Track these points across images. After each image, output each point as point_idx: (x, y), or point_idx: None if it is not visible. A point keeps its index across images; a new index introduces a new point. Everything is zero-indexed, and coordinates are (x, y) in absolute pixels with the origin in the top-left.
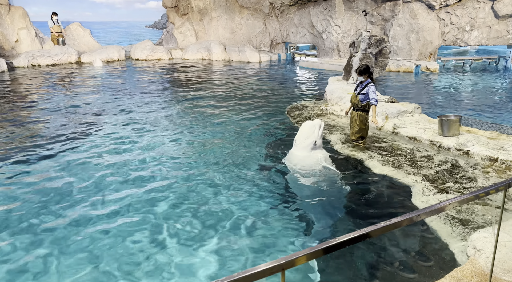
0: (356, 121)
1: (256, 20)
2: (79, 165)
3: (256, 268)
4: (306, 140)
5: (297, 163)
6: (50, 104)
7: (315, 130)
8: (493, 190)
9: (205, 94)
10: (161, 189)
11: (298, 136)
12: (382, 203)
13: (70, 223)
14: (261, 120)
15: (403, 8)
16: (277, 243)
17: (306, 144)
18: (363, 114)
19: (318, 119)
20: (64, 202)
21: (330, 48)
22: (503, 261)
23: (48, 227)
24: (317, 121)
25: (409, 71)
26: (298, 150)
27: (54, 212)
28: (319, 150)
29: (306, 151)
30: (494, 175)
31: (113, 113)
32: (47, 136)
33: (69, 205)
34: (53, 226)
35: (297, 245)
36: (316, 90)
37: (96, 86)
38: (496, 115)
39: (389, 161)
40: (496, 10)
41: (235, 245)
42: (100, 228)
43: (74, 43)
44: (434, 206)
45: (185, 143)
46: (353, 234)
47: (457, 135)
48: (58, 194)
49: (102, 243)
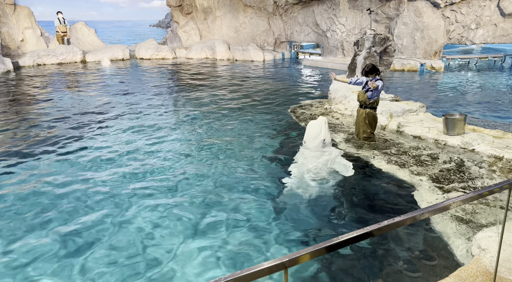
0: (365, 119)
1: (260, 19)
2: (89, 163)
3: (259, 266)
4: (315, 140)
5: (308, 163)
6: (59, 103)
7: (322, 128)
8: (497, 188)
9: (209, 94)
10: (164, 187)
11: (307, 137)
12: (386, 202)
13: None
14: (265, 119)
15: (407, 6)
16: (280, 241)
17: (316, 144)
18: (372, 111)
19: (321, 116)
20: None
21: (334, 46)
22: (508, 260)
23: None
24: (321, 118)
25: (414, 70)
26: (308, 150)
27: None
28: (329, 146)
29: (318, 150)
30: (499, 174)
31: (121, 114)
32: (58, 135)
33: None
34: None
35: (300, 243)
36: (320, 89)
37: (106, 85)
38: (501, 114)
39: (394, 160)
40: (502, 8)
41: (238, 243)
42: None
43: (79, 42)
44: (438, 204)
45: (189, 141)
46: (356, 233)
47: (462, 134)
48: (60, 196)
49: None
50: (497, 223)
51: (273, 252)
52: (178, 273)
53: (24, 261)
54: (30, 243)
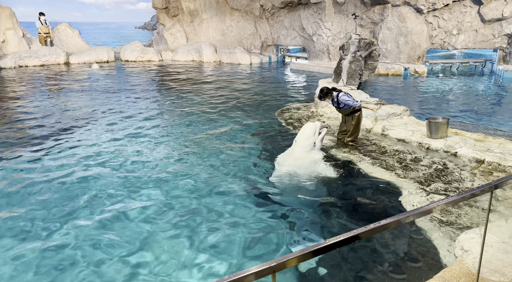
0: (352, 121)
1: (246, 22)
2: (62, 167)
3: (247, 271)
4: (306, 141)
5: (294, 162)
6: (39, 105)
7: (316, 132)
8: (479, 191)
9: (195, 96)
10: (149, 192)
11: (299, 136)
12: (372, 204)
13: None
14: (252, 122)
15: (392, 11)
16: (265, 244)
17: (306, 144)
18: (358, 113)
19: (318, 122)
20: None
21: (320, 50)
22: (490, 261)
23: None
24: (317, 123)
25: (398, 74)
26: (297, 148)
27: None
28: (317, 151)
29: (305, 151)
30: (481, 177)
31: (102, 117)
32: (35, 137)
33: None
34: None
35: (285, 247)
36: (307, 93)
37: (89, 88)
38: (482, 117)
39: (379, 162)
40: (482, 15)
41: (224, 247)
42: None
43: (62, 44)
44: (422, 207)
45: (174, 145)
46: (343, 236)
47: (445, 138)
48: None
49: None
50: (479, 225)
51: (259, 256)
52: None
53: None
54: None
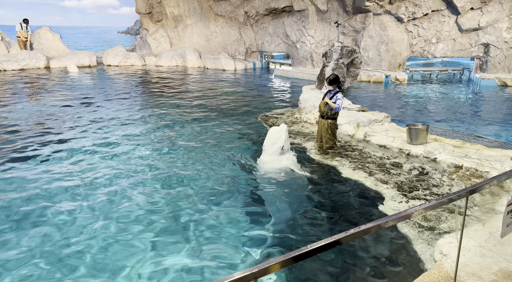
0: (328, 130)
1: (231, 29)
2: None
3: (229, 278)
4: (273, 145)
5: (267, 169)
6: (15, 111)
7: (282, 135)
8: (456, 196)
9: (178, 101)
10: (128, 198)
11: (266, 142)
12: (353, 209)
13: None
14: (236, 128)
15: (373, 20)
16: (248, 246)
17: (274, 149)
18: (333, 122)
19: (283, 124)
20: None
21: (304, 57)
22: (467, 265)
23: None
24: (282, 126)
25: (379, 81)
26: (266, 155)
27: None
28: (287, 154)
29: (275, 156)
30: (459, 182)
31: (84, 124)
32: (7, 145)
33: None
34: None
35: (263, 254)
36: (291, 99)
37: (68, 93)
38: (460, 124)
39: (360, 168)
40: (460, 24)
41: (200, 254)
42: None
43: (42, 48)
44: (402, 213)
45: (155, 151)
46: (324, 241)
47: (425, 144)
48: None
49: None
50: (456, 229)
51: (236, 264)
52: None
53: None
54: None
